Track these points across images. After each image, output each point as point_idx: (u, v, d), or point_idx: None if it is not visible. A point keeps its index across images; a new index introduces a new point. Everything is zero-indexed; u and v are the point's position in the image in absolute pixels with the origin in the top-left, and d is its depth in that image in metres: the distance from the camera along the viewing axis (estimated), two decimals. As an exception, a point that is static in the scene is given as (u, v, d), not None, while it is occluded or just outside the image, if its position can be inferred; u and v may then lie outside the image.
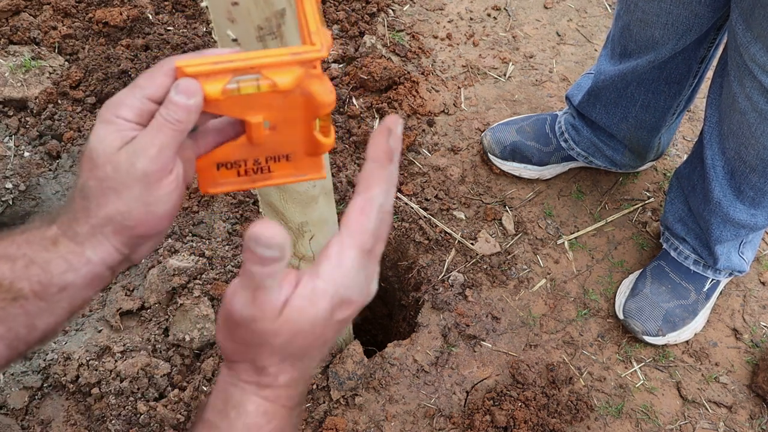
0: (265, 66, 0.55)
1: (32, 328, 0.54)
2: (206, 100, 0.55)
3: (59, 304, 0.55)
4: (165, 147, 0.53)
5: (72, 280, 0.55)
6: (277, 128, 0.59)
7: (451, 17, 2.11)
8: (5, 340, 0.53)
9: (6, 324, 0.53)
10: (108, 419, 1.33)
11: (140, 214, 0.54)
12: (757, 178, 1.29)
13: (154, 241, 0.60)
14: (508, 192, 1.73)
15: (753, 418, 1.44)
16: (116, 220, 0.54)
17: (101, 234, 0.55)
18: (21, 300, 0.53)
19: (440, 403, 1.40)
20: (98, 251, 0.55)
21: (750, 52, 1.10)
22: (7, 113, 1.69)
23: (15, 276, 0.53)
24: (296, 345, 0.51)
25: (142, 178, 0.53)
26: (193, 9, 1.96)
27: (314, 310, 0.50)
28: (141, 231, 0.55)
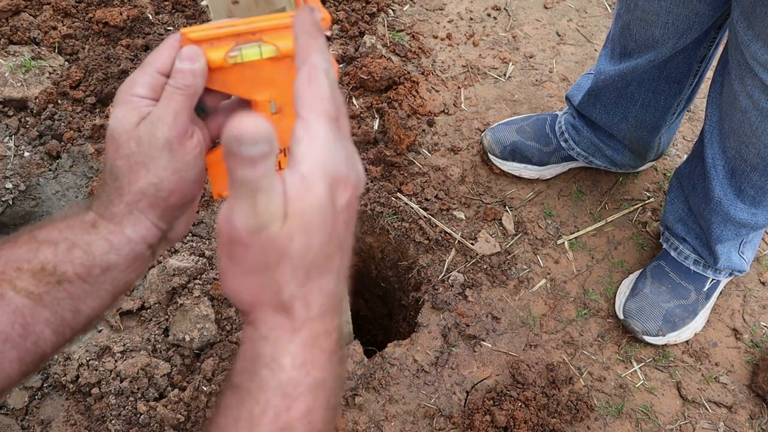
0: (266, 30, 0.55)
1: (77, 312, 0.55)
2: (211, 69, 0.55)
3: (103, 287, 0.56)
4: (179, 112, 0.55)
5: (114, 260, 0.55)
6: (284, 111, 0.59)
7: (451, 17, 2.11)
8: (52, 325, 0.53)
9: (51, 308, 0.53)
10: (108, 419, 1.33)
11: (171, 183, 0.55)
12: (757, 177, 1.29)
13: (187, 215, 0.60)
14: (508, 192, 1.73)
15: (753, 418, 1.44)
16: (150, 193, 0.55)
17: (137, 210, 0.56)
18: (65, 283, 0.54)
19: (440, 403, 1.40)
20: (137, 228, 0.56)
21: (751, 51, 1.10)
22: (7, 113, 1.69)
23: (58, 260, 0.54)
24: (314, 246, 0.45)
25: (165, 146, 0.54)
26: (193, 9, 1.96)
27: (313, 195, 0.45)
28: (175, 199, 0.56)
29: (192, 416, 1.32)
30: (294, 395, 0.46)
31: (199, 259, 1.48)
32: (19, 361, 0.52)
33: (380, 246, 1.70)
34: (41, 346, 0.53)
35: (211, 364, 1.37)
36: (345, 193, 0.47)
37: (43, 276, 0.53)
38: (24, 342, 0.52)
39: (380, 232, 1.66)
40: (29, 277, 0.53)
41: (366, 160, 1.73)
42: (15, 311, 0.52)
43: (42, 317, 0.53)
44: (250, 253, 0.45)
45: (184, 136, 0.55)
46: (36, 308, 0.53)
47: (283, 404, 0.45)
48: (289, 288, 0.46)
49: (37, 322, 0.53)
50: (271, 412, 0.45)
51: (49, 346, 0.54)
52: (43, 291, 0.53)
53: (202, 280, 1.46)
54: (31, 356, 0.53)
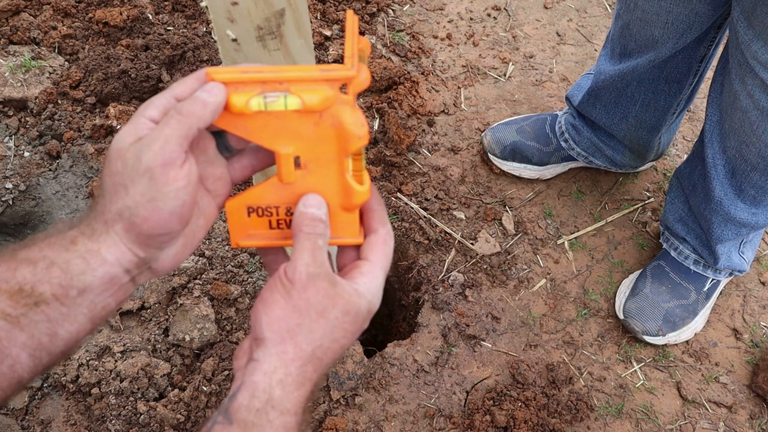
0: (293, 81, 0.53)
1: (54, 336, 0.53)
2: (234, 113, 0.54)
3: (80, 310, 0.54)
4: (170, 139, 0.53)
5: (90, 281, 0.54)
6: (309, 168, 0.58)
7: (451, 17, 2.11)
8: (28, 349, 0.52)
9: (28, 331, 0.52)
10: (108, 419, 1.33)
11: (145, 210, 0.53)
12: (758, 177, 1.29)
13: (175, 249, 0.58)
14: (508, 192, 1.73)
15: (753, 418, 1.44)
16: (125, 216, 0.54)
17: (113, 231, 0.55)
18: (42, 305, 0.52)
19: (440, 403, 1.40)
20: (112, 250, 0.55)
21: (751, 50, 1.10)
22: (7, 113, 1.69)
23: (36, 279, 0.53)
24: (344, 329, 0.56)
25: (145, 171, 0.53)
26: (193, 9, 1.96)
27: (359, 303, 0.57)
28: (147, 228, 0.54)
29: (192, 416, 1.32)
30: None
31: (199, 259, 1.48)
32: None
33: (380, 246, 1.70)
34: (17, 370, 0.52)
35: (211, 364, 1.37)
36: (367, 322, 0.59)
37: (21, 297, 0.52)
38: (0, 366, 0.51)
39: (380, 232, 1.66)
40: (6, 298, 0.52)
41: (366, 161, 1.73)
42: None
43: (19, 340, 0.51)
44: (308, 293, 0.55)
45: (169, 165, 0.53)
46: (13, 331, 0.51)
47: None
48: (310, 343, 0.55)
49: (13, 345, 0.51)
50: None
51: (26, 371, 0.53)
52: (20, 313, 0.52)
53: (202, 280, 1.46)
54: (7, 381, 0.52)
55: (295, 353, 0.55)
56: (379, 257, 0.60)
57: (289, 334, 0.55)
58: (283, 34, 0.70)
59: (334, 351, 0.57)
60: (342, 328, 0.56)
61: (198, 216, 0.60)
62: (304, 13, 0.70)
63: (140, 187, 0.53)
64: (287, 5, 0.67)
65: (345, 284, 0.57)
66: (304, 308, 0.55)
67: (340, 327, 0.56)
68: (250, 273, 1.51)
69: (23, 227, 1.61)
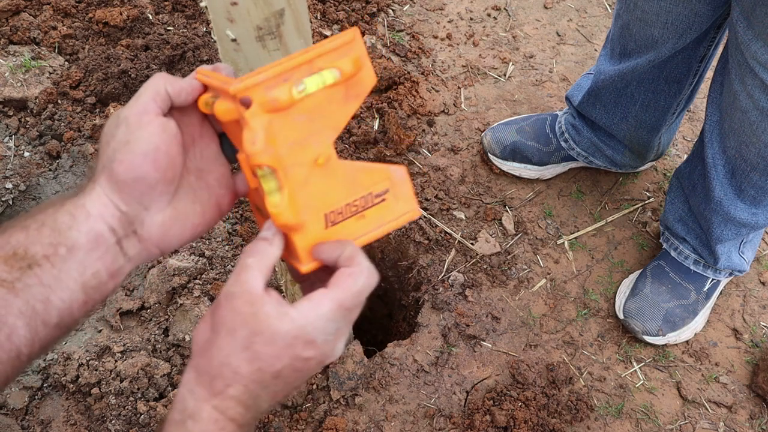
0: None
1: (48, 304, 0.54)
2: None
3: (70, 274, 0.55)
4: (142, 93, 0.58)
5: (76, 238, 0.56)
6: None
7: (451, 17, 2.11)
8: (24, 317, 0.53)
9: (23, 296, 0.53)
10: (108, 419, 1.33)
11: (121, 154, 0.57)
12: (758, 177, 1.29)
13: (155, 210, 0.60)
14: (508, 192, 1.73)
15: (753, 418, 1.44)
16: (105, 166, 0.57)
17: (98, 185, 0.58)
18: (35, 267, 0.54)
19: (440, 403, 1.40)
20: (96, 203, 0.57)
21: (751, 50, 1.10)
22: (7, 113, 1.69)
23: (29, 241, 0.55)
24: (254, 350, 0.54)
25: (123, 121, 0.57)
26: (193, 9, 1.96)
27: (279, 325, 0.54)
28: (122, 171, 0.57)
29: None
30: None
31: (199, 259, 1.48)
32: None
33: (380, 246, 1.70)
34: (15, 342, 0.53)
35: (211, 364, 1.37)
36: (309, 351, 0.55)
37: (15, 261, 0.54)
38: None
39: (380, 232, 1.66)
40: (2, 263, 0.53)
41: (366, 161, 1.73)
42: None
43: (15, 307, 0.53)
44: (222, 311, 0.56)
45: (143, 113, 0.57)
46: (8, 297, 0.53)
47: None
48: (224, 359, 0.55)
49: (10, 313, 0.53)
50: None
51: (24, 344, 0.54)
52: (15, 278, 0.53)
53: (202, 280, 1.46)
54: (6, 353, 0.52)
55: (205, 367, 0.55)
56: (337, 288, 0.57)
57: (203, 348, 0.56)
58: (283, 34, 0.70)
59: (251, 372, 0.54)
60: (253, 350, 0.54)
61: (192, 198, 0.62)
62: (303, 13, 0.70)
63: (118, 136, 0.57)
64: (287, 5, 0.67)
65: (270, 306, 0.55)
66: (218, 325, 0.56)
67: (251, 348, 0.54)
68: (250, 273, 1.51)
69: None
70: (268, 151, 0.54)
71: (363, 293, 0.58)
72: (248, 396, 0.55)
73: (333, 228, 0.60)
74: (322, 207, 0.59)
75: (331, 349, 0.58)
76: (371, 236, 0.62)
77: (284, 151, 0.55)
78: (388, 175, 0.61)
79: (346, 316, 0.57)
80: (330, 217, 0.60)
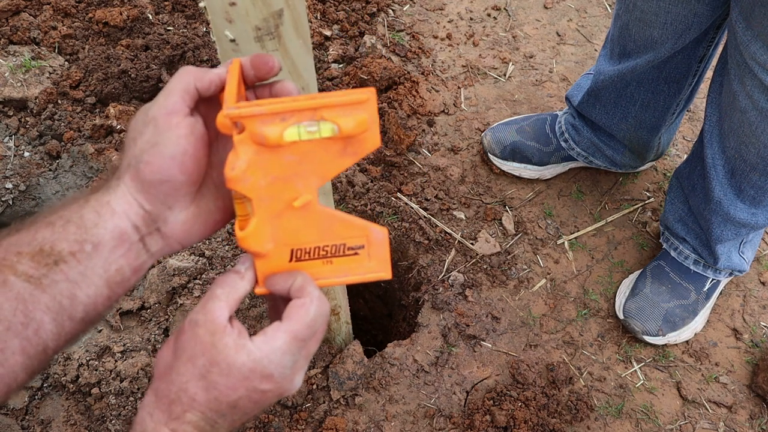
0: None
1: (74, 299, 0.55)
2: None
3: (95, 270, 0.56)
4: (172, 91, 0.57)
5: (102, 235, 0.56)
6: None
7: (451, 17, 2.11)
8: (51, 312, 0.54)
9: (50, 292, 0.54)
10: (108, 419, 1.33)
11: (148, 155, 0.57)
12: (757, 177, 1.29)
13: (179, 209, 0.60)
14: (508, 192, 1.73)
15: (753, 418, 1.44)
16: (132, 164, 0.57)
17: (123, 183, 0.58)
18: (61, 263, 0.54)
19: (440, 403, 1.40)
20: (120, 201, 0.57)
21: (750, 51, 1.10)
22: (7, 113, 1.69)
23: (55, 238, 0.55)
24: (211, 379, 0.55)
25: (150, 120, 0.57)
26: (193, 9, 1.97)
27: (236, 357, 0.55)
28: (148, 173, 0.57)
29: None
30: None
31: (199, 259, 1.48)
32: (21, 352, 0.53)
33: (380, 246, 1.69)
34: (42, 336, 0.54)
35: (210, 364, 1.37)
36: (266, 384, 0.56)
37: (42, 257, 0.54)
38: (25, 330, 0.53)
39: (380, 232, 1.66)
40: (29, 260, 0.54)
41: (366, 160, 1.73)
42: (17, 297, 0.52)
43: (42, 302, 0.54)
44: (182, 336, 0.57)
45: (172, 113, 0.57)
46: (35, 292, 0.53)
47: None
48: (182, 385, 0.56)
49: (37, 309, 0.53)
50: None
51: (51, 338, 0.55)
52: (42, 274, 0.54)
53: (202, 280, 1.46)
54: (33, 348, 0.53)
55: (164, 391, 0.56)
56: (289, 320, 0.57)
57: (164, 372, 0.57)
58: (282, 34, 0.70)
59: (208, 401, 0.56)
60: (210, 379, 0.55)
61: (214, 195, 0.62)
62: (302, 13, 0.70)
63: (146, 136, 0.57)
64: (285, 6, 0.67)
65: (229, 336, 0.56)
66: (179, 350, 0.57)
67: (208, 377, 0.55)
68: (250, 273, 1.51)
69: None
70: (246, 180, 0.55)
71: (316, 322, 0.58)
72: (205, 422, 0.56)
73: (297, 263, 0.61)
74: (291, 242, 0.60)
75: (289, 382, 0.58)
76: (333, 282, 0.62)
77: (264, 182, 0.56)
78: (367, 233, 0.61)
79: (302, 348, 0.58)
80: (296, 253, 0.61)
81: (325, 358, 1.40)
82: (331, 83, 1.86)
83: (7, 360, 0.52)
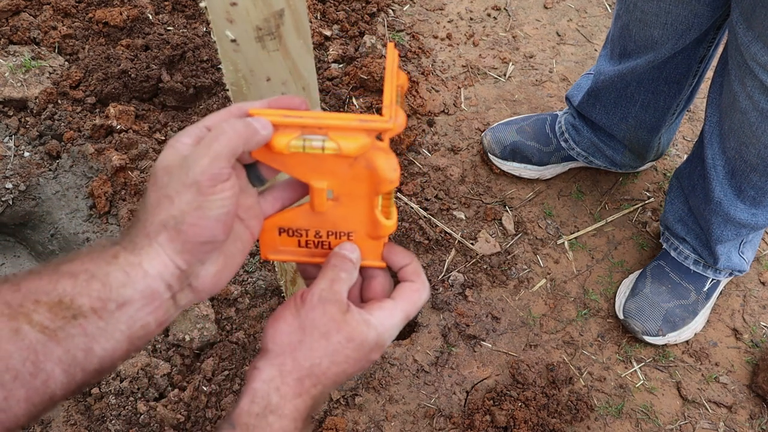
0: (333, 128, 0.57)
1: (90, 352, 0.53)
2: (273, 151, 0.58)
3: (118, 326, 0.54)
4: (219, 156, 0.55)
5: (130, 295, 0.54)
6: (340, 200, 0.63)
7: (451, 17, 2.11)
8: (63, 364, 0.52)
9: (64, 345, 0.51)
10: (108, 419, 1.33)
11: (192, 218, 0.55)
12: (758, 178, 1.29)
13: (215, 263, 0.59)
14: (508, 192, 1.73)
15: (753, 418, 1.44)
16: (169, 225, 0.55)
17: (156, 243, 0.55)
18: (80, 318, 0.52)
19: (440, 403, 1.40)
20: (154, 262, 0.55)
21: (751, 52, 1.10)
22: (7, 113, 1.69)
23: (76, 292, 0.52)
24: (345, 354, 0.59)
25: (192, 184, 0.55)
26: (193, 9, 1.96)
27: (367, 333, 0.60)
28: (193, 234, 0.55)
29: (192, 416, 1.32)
30: None
31: (199, 259, 1.48)
32: (26, 401, 0.50)
33: (380, 246, 1.70)
34: (51, 386, 0.51)
35: (211, 364, 1.37)
36: (377, 354, 0.62)
37: (60, 310, 0.52)
38: (33, 381, 0.50)
39: (380, 232, 1.66)
40: (46, 310, 0.51)
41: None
42: (29, 347, 0.50)
43: (54, 355, 0.51)
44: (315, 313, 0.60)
45: (216, 179, 0.55)
46: (49, 344, 0.51)
47: None
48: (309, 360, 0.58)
49: (48, 360, 0.51)
50: None
51: (59, 388, 0.52)
52: (58, 326, 0.51)
53: (202, 280, 1.46)
54: (39, 397, 0.51)
55: (293, 366, 0.58)
56: (405, 301, 0.64)
57: (290, 348, 0.59)
58: (282, 34, 0.70)
59: (335, 374, 0.59)
60: (344, 354, 0.59)
61: (234, 240, 0.61)
62: (303, 13, 0.70)
63: (187, 197, 0.55)
64: (286, 6, 0.67)
65: (356, 313, 0.60)
66: (309, 327, 0.59)
67: (342, 352, 0.59)
68: (250, 273, 1.51)
69: (23, 227, 1.61)
70: None
71: (421, 307, 0.66)
72: (322, 395, 0.60)
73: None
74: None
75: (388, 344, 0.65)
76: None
77: None
78: None
79: (407, 319, 0.64)
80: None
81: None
82: (331, 83, 1.86)
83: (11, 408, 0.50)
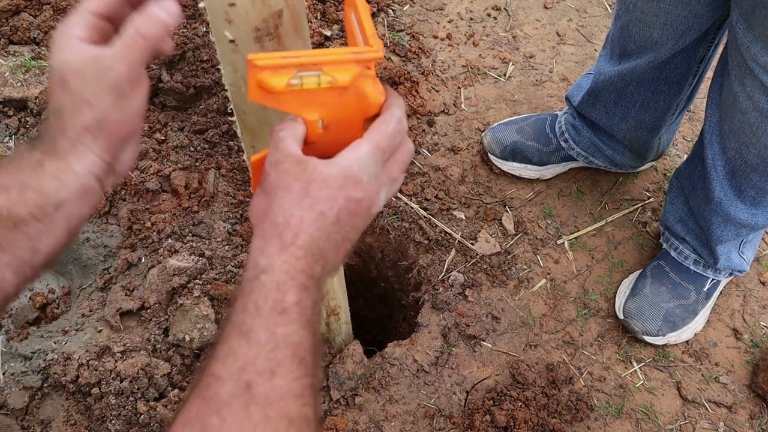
0: (327, 63, 0.60)
1: (35, 252, 0.57)
2: (271, 92, 0.60)
3: (57, 224, 0.58)
4: (135, 63, 0.58)
5: (65, 196, 0.58)
6: (330, 128, 0.64)
7: (451, 17, 2.11)
8: (12, 267, 0.56)
9: (10, 252, 0.56)
10: (108, 419, 1.33)
11: (115, 116, 0.59)
12: (758, 178, 1.29)
13: (132, 146, 0.64)
14: (508, 192, 1.73)
15: (753, 418, 1.44)
16: (94, 127, 0.59)
17: (82, 144, 0.59)
18: (21, 225, 0.56)
19: (440, 403, 1.40)
20: (83, 162, 0.59)
21: (751, 52, 1.10)
22: (7, 113, 1.69)
23: (12, 203, 0.56)
24: (313, 196, 0.58)
25: (113, 88, 0.58)
26: (192, 9, 1.96)
27: (329, 170, 0.59)
28: (117, 131, 0.60)
29: (192, 416, 1.32)
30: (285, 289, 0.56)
31: (199, 259, 1.48)
32: None
33: (380, 246, 1.70)
34: (4, 287, 0.56)
35: (210, 365, 1.37)
36: (358, 191, 0.60)
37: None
38: None
39: (380, 232, 1.66)
40: None
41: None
42: None
43: (3, 261, 0.55)
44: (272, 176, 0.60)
45: (135, 81, 0.59)
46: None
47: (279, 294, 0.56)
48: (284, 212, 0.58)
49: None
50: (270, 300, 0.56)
51: (12, 287, 0.57)
52: (2, 237, 0.55)
53: (202, 280, 1.46)
54: None
55: (270, 227, 0.59)
56: (371, 132, 0.62)
57: (263, 213, 0.60)
58: (281, 35, 0.70)
59: (313, 219, 0.59)
60: (310, 197, 0.58)
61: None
62: (301, 14, 0.70)
63: (107, 101, 0.58)
64: (285, 6, 0.67)
65: (311, 160, 0.60)
66: (272, 190, 0.60)
67: (307, 196, 0.58)
68: (250, 273, 1.51)
69: None
70: None
71: (395, 136, 0.63)
72: (315, 246, 0.59)
73: None
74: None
75: (376, 194, 0.62)
76: None
77: None
78: None
79: (383, 158, 0.62)
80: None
81: (324, 358, 1.40)
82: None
83: None
